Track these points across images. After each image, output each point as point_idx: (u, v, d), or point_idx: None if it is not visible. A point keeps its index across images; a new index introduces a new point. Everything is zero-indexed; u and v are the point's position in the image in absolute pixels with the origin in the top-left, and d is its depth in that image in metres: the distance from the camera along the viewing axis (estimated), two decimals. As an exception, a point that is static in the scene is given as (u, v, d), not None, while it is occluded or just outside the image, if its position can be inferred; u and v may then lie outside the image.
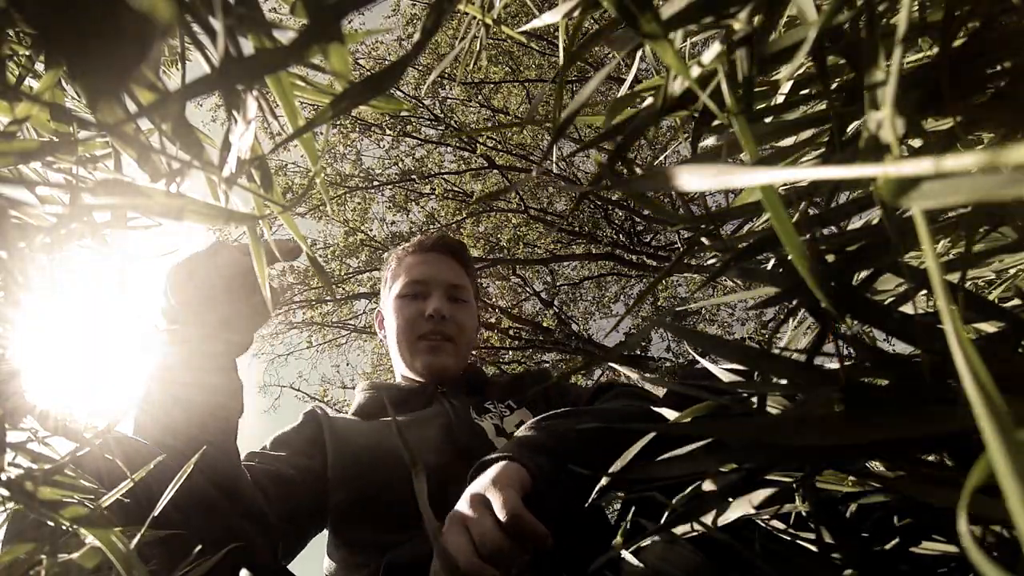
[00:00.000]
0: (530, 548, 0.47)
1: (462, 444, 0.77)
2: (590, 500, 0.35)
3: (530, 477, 0.55)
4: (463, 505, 0.52)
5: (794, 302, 0.25)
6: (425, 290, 0.97)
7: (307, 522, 0.76)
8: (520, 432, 0.63)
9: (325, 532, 0.82)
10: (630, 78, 0.34)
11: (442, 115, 6.50)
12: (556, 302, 6.86)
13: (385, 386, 0.98)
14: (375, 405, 0.93)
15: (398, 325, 0.96)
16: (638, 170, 0.25)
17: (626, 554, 0.32)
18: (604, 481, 0.35)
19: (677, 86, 0.24)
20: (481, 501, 0.51)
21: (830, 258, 0.25)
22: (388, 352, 1.03)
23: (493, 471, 0.55)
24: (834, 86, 0.29)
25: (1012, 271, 0.36)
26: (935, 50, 0.24)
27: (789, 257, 0.22)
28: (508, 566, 0.46)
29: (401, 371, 1.00)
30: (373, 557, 0.69)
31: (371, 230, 6.53)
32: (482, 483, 0.53)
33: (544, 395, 0.94)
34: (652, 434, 0.36)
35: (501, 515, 0.48)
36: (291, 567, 0.70)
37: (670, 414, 0.36)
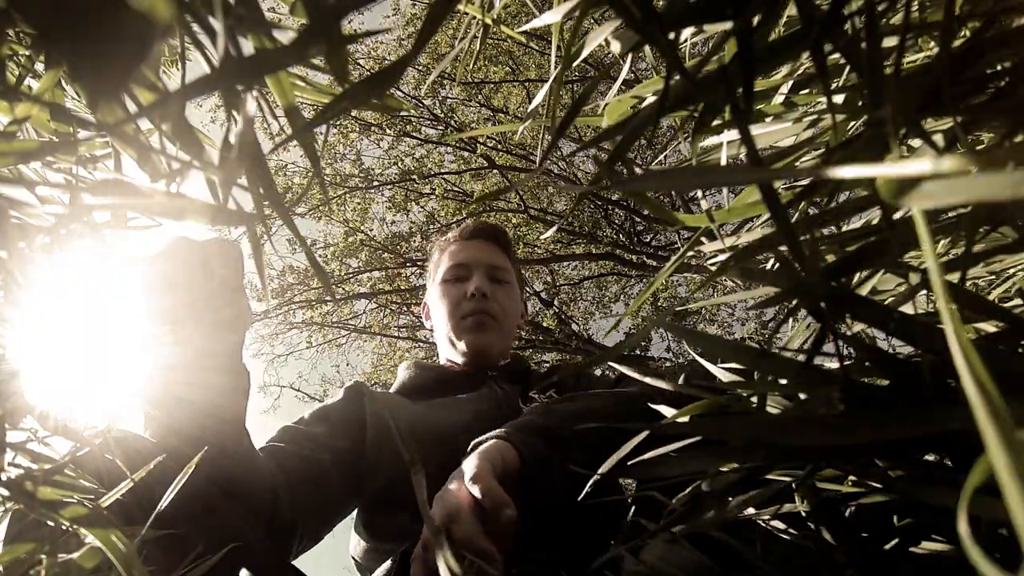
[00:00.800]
0: (501, 524, 0.46)
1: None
2: (586, 498, 0.35)
3: (519, 457, 0.54)
4: (448, 482, 0.52)
5: (794, 302, 0.25)
6: (467, 273, 0.98)
7: (335, 508, 0.75)
8: (523, 414, 0.63)
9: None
10: (621, 77, 0.34)
11: (442, 115, 6.50)
12: (556, 302, 6.86)
13: (432, 366, 0.97)
14: (420, 384, 0.93)
15: (443, 309, 0.97)
16: (638, 170, 0.25)
17: (625, 554, 0.32)
18: (596, 476, 0.35)
19: (677, 86, 0.24)
20: (458, 475, 0.51)
21: (830, 258, 0.25)
22: (435, 340, 1.03)
23: (480, 448, 0.54)
24: (834, 86, 0.29)
25: (1012, 271, 0.36)
26: (935, 50, 0.24)
27: (789, 257, 0.22)
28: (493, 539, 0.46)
29: (447, 354, 1.00)
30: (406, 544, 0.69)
31: (371, 230, 6.53)
32: (467, 460, 0.53)
33: (576, 386, 0.93)
34: (646, 432, 0.36)
35: (468, 484, 0.48)
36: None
37: (668, 411, 0.36)
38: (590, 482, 0.35)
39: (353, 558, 0.79)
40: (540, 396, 0.88)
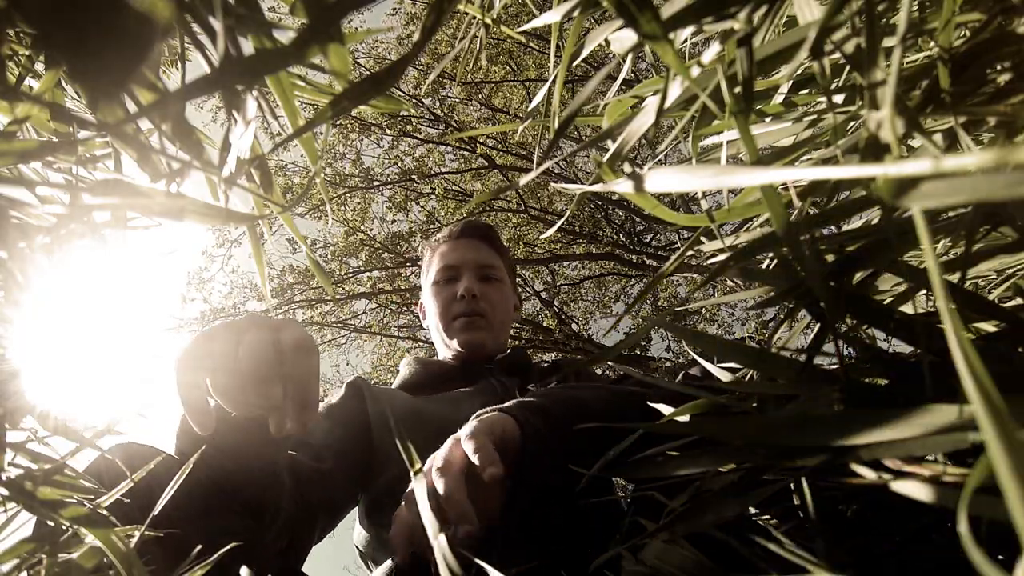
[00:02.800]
0: (485, 482, 0.45)
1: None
2: (582, 494, 0.35)
3: (519, 430, 0.53)
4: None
5: (794, 302, 0.25)
6: (456, 274, 1.00)
7: (339, 508, 0.76)
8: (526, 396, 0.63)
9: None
10: (620, 77, 0.34)
11: (442, 115, 6.50)
12: (556, 302, 6.86)
13: (432, 362, 0.99)
14: (420, 379, 0.94)
15: (435, 310, 1.00)
16: (638, 170, 0.25)
17: (625, 554, 0.32)
18: (590, 473, 0.34)
19: (677, 86, 0.24)
20: (454, 436, 0.51)
21: (830, 258, 0.25)
22: (432, 339, 1.06)
23: (481, 417, 0.54)
24: (834, 86, 0.29)
25: (1012, 271, 0.36)
26: (935, 50, 0.24)
27: (789, 257, 0.22)
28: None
29: (444, 353, 1.02)
30: None
31: (371, 230, 6.53)
32: (465, 425, 0.52)
33: (577, 379, 0.94)
34: (640, 432, 0.36)
35: (462, 441, 0.48)
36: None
37: (666, 409, 0.36)
38: (584, 479, 0.35)
39: (357, 547, 0.81)
40: (539, 389, 0.89)
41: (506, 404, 0.57)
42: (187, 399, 0.43)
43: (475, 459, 0.46)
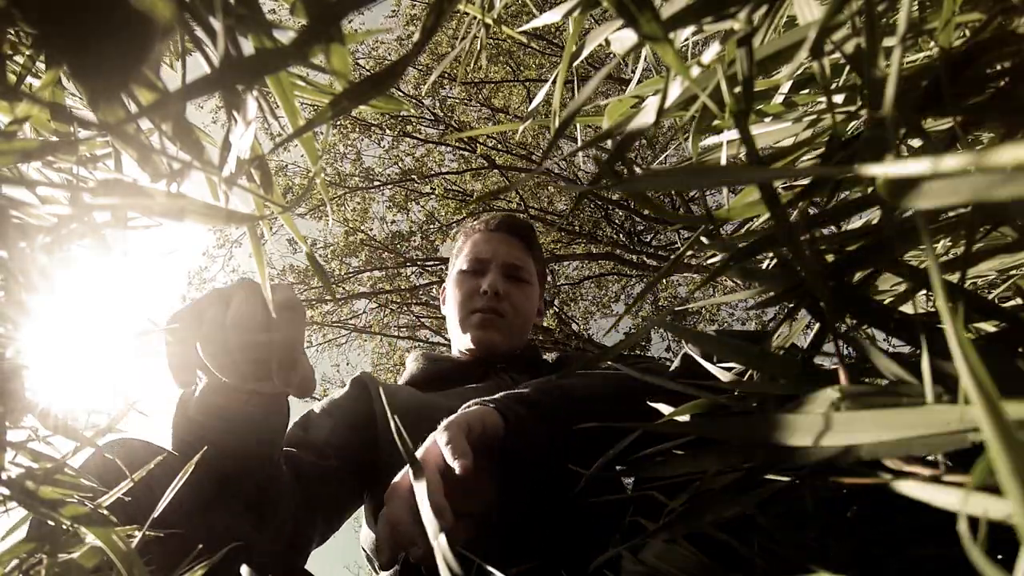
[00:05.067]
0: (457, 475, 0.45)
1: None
2: (583, 492, 0.35)
3: (503, 421, 0.53)
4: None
5: (794, 302, 0.25)
6: (484, 267, 0.98)
7: (343, 508, 0.75)
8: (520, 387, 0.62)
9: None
10: (635, 80, 0.34)
11: (442, 115, 6.50)
12: (556, 302, 6.86)
13: (441, 357, 0.98)
14: (428, 375, 0.93)
15: (456, 298, 0.98)
16: (638, 170, 0.25)
17: (625, 554, 0.32)
18: (590, 472, 0.34)
19: (677, 86, 0.24)
20: (433, 434, 0.51)
21: (830, 258, 0.25)
22: (448, 327, 1.03)
23: (462, 411, 0.54)
24: (834, 86, 0.29)
25: (1012, 271, 0.36)
26: (935, 50, 0.24)
27: (789, 257, 0.22)
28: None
29: (457, 344, 1.00)
30: None
31: (371, 230, 6.53)
32: (445, 420, 0.52)
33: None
34: (638, 432, 0.36)
35: (436, 434, 0.47)
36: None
37: (666, 408, 0.36)
38: (583, 479, 0.35)
39: (364, 549, 0.80)
40: None
41: (491, 396, 0.57)
42: (171, 358, 0.43)
43: (446, 452, 0.46)
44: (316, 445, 0.74)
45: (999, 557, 0.21)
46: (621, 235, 6.64)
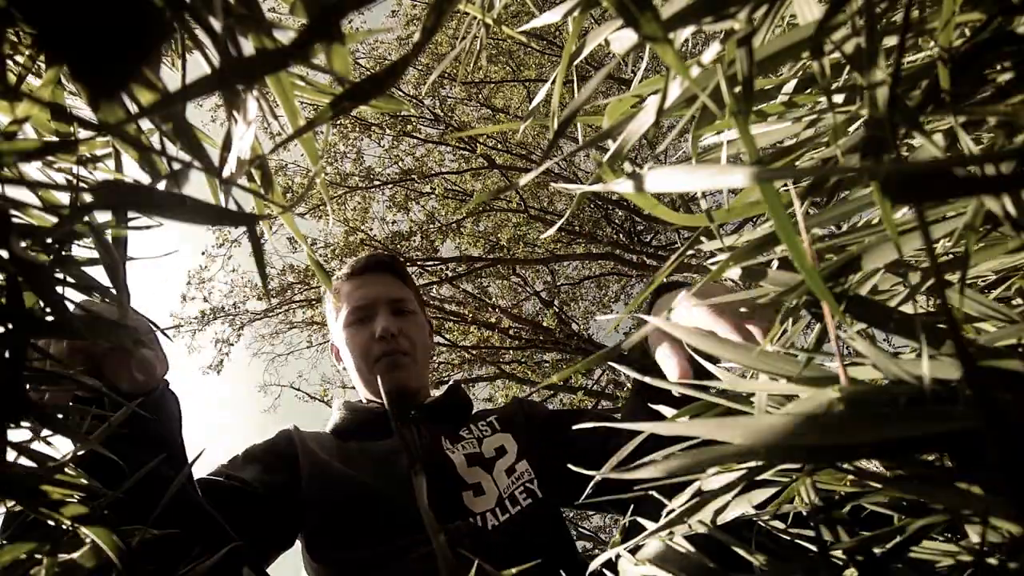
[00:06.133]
0: None
1: (428, 480, 0.77)
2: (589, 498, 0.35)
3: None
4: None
5: (794, 302, 0.25)
6: (369, 313, 0.96)
7: (269, 538, 0.76)
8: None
9: (296, 552, 0.82)
10: (637, 79, 0.34)
11: (442, 115, 6.50)
12: (556, 302, 6.86)
13: (360, 408, 0.96)
14: (348, 425, 0.93)
15: (353, 354, 0.96)
16: (638, 170, 0.25)
17: (624, 554, 0.32)
18: (599, 477, 0.34)
19: (677, 86, 0.24)
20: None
21: (830, 258, 0.25)
22: (353, 381, 1.01)
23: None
24: (834, 86, 0.29)
25: (1012, 271, 0.36)
26: (935, 50, 0.24)
27: (789, 257, 0.22)
28: None
29: (367, 395, 0.99)
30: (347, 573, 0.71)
31: (371, 230, 6.53)
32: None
33: (525, 418, 0.92)
34: (645, 434, 0.36)
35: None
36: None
37: (668, 410, 0.36)
38: (591, 484, 0.35)
39: None
40: (478, 427, 0.89)
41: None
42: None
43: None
44: (246, 481, 0.76)
45: (999, 557, 0.21)
46: (621, 235, 6.64)
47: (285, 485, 0.78)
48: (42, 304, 0.23)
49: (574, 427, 0.44)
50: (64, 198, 0.25)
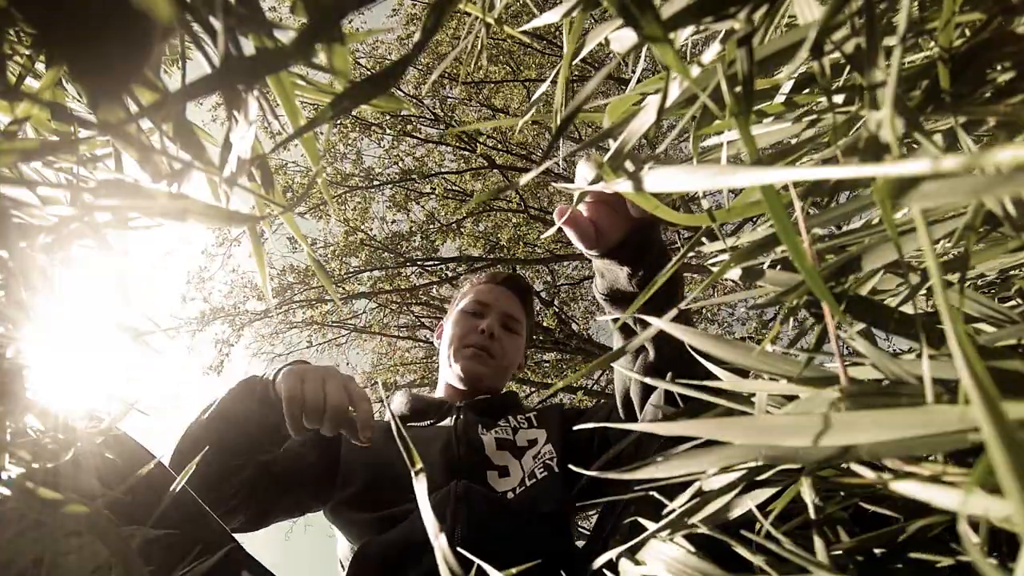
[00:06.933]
0: None
1: (455, 457, 0.85)
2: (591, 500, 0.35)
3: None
4: None
5: (794, 302, 0.25)
6: (484, 311, 1.10)
7: (307, 500, 0.86)
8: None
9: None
10: (635, 79, 0.34)
11: (442, 114, 6.50)
12: (556, 302, 6.86)
13: (419, 397, 1.07)
14: (404, 410, 1.04)
15: (452, 332, 1.09)
16: (638, 170, 0.25)
17: (625, 554, 0.32)
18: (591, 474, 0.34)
19: (677, 86, 0.24)
20: None
21: (830, 258, 0.25)
22: (439, 361, 1.15)
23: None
24: (834, 86, 0.29)
25: (1012, 271, 0.36)
26: (935, 50, 0.24)
27: (789, 257, 0.22)
28: None
29: (444, 377, 1.11)
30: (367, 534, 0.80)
31: (371, 229, 6.53)
32: None
33: (562, 419, 0.98)
34: (634, 436, 0.36)
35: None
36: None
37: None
38: (581, 483, 0.35)
39: (340, 562, 0.90)
40: (515, 419, 0.97)
41: None
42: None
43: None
44: (296, 442, 0.88)
45: (999, 557, 0.21)
46: (621, 235, 6.61)
47: (330, 444, 0.90)
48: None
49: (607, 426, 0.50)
50: (65, 198, 0.25)
